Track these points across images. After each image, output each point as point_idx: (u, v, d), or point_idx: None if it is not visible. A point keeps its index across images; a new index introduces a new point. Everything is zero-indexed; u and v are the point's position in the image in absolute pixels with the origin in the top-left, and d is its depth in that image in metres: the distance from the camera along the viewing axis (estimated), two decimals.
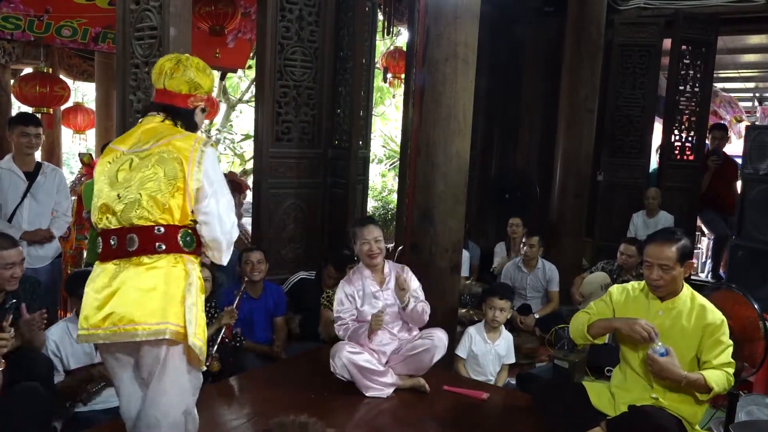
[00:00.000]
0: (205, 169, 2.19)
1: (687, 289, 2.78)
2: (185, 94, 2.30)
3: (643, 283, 2.87)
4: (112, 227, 2.18)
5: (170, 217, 2.17)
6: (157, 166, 2.16)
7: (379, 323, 3.35)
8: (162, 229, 2.15)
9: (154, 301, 2.09)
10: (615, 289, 2.94)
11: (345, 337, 3.45)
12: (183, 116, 2.30)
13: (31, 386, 2.62)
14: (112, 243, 2.18)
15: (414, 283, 3.57)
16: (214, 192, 2.21)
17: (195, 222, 2.24)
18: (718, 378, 2.59)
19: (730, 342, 2.67)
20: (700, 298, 2.76)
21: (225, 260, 2.30)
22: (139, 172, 2.17)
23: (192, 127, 2.34)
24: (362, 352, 3.35)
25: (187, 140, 2.22)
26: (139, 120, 2.37)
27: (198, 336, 2.13)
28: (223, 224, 2.23)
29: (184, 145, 2.19)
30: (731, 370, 2.63)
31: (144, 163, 2.18)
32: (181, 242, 2.18)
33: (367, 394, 3.31)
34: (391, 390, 3.36)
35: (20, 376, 2.69)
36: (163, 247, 2.15)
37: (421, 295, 3.56)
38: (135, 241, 2.14)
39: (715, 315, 2.68)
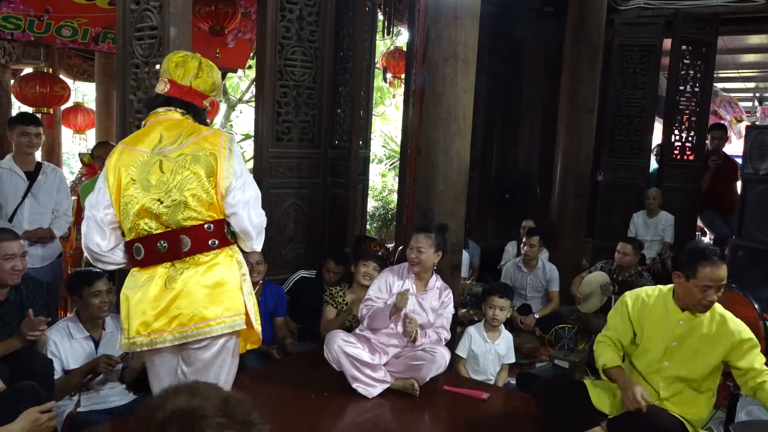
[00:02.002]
0: (234, 165, 2.21)
1: None
2: (206, 95, 2.34)
3: (657, 290, 2.82)
4: (157, 231, 2.17)
5: (215, 213, 2.21)
6: (194, 165, 2.17)
7: (404, 301, 3.34)
8: (212, 226, 2.19)
9: (225, 295, 2.15)
10: (629, 300, 2.84)
11: (366, 316, 3.47)
12: (200, 115, 2.33)
13: (29, 385, 2.61)
14: (161, 247, 2.17)
15: (450, 308, 3.59)
16: (242, 185, 2.21)
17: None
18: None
19: (757, 341, 2.66)
20: (720, 307, 2.71)
21: (258, 247, 2.31)
22: (176, 174, 2.17)
23: (204, 124, 2.36)
24: (356, 344, 3.36)
25: (214, 136, 2.23)
26: (151, 113, 2.32)
27: (258, 322, 2.24)
28: (251, 215, 2.23)
29: (214, 142, 2.21)
30: None
31: (179, 163, 2.18)
32: (228, 235, 2.24)
33: (353, 386, 3.30)
34: (380, 388, 3.35)
35: (20, 375, 2.69)
36: (216, 242, 2.20)
37: (448, 322, 3.57)
38: (188, 242, 2.16)
39: (737, 326, 2.65)
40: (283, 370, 3.71)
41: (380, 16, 6.63)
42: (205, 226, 2.18)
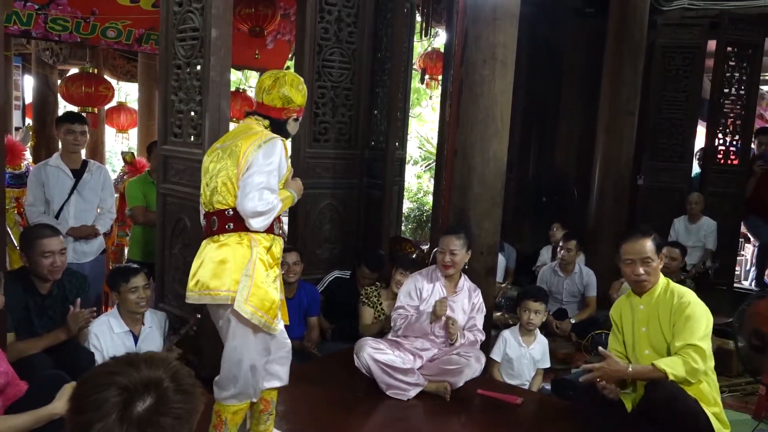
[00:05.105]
0: (253, 158, 2.46)
1: (662, 279, 2.88)
2: (279, 108, 2.62)
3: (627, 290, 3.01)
4: (206, 210, 2.59)
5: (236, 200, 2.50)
6: (227, 158, 2.51)
7: (443, 309, 3.37)
8: (231, 212, 2.49)
9: (224, 272, 2.44)
10: (613, 311, 3.05)
11: (401, 326, 3.49)
12: (276, 125, 2.63)
13: (56, 374, 2.64)
14: (204, 223, 2.61)
15: (481, 308, 3.61)
16: (251, 173, 2.45)
17: None
18: (673, 363, 2.62)
19: (701, 325, 2.70)
20: (674, 286, 2.86)
21: (255, 227, 2.47)
22: (217, 164, 2.55)
23: (284, 135, 2.65)
24: (386, 350, 3.36)
25: (253, 136, 2.51)
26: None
27: (249, 303, 2.42)
28: (244, 198, 2.43)
29: (249, 141, 2.49)
30: (697, 356, 2.63)
31: (221, 155, 2.55)
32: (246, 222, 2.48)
33: (387, 393, 3.31)
34: (414, 391, 3.34)
35: (64, 368, 2.76)
36: (232, 226, 2.50)
37: (481, 321, 3.56)
38: (216, 222, 2.53)
39: (683, 298, 2.75)
40: (318, 368, 3.73)
41: (418, 18, 6.62)
42: (227, 211, 2.50)
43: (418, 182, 12.50)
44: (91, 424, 1.06)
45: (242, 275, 2.43)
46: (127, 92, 13.52)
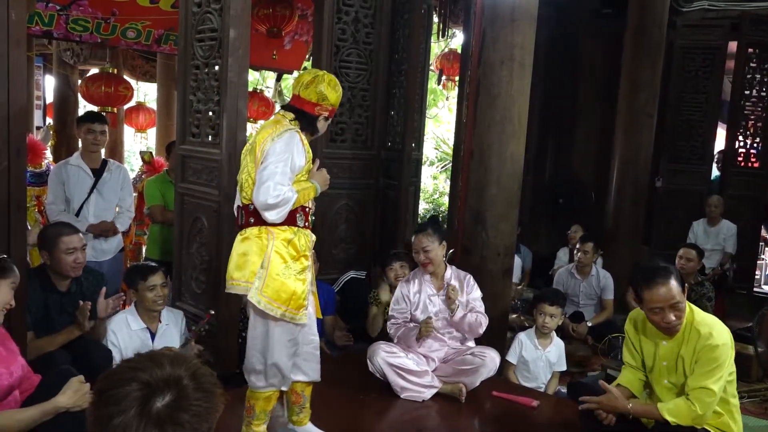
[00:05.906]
0: (269, 149, 2.52)
1: (687, 307, 2.60)
2: (314, 103, 2.69)
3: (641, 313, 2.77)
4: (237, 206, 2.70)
5: None
6: (249, 154, 2.62)
7: (428, 330, 3.35)
8: (252, 206, 2.58)
9: (246, 264, 2.55)
10: (627, 322, 2.86)
11: (396, 336, 3.46)
12: (307, 120, 2.70)
13: (66, 369, 2.64)
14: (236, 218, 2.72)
15: (476, 293, 3.54)
16: (264, 166, 2.51)
17: None
18: (677, 409, 2.50)
19: (722, 371, 2.50)
20: (697, 317, 2.59)
21: (270, 219, 2.52)
22: (243, 160, 2.66)
23: (312, 130, 2.75)
24: (399, 354, 3.36)
25: (269, 130, 2.59)
26: None
27: (264, 294, 2.51)
28: (258, 190, 2.49)
29: (264, 135, 2.57)
30: (707, 399, 2.47)
31: (246, 152, 2.66)
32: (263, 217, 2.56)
33: (402, 396, 3.31)
34: (429, 393, 3.35)
35: (81, 364, 2.79)
36: (252, 220, 2.60)
37: (480, 306, 3.52)
38: (243, 217, 2.64)
39: (709, 340, 2.50)
40: (333, 369, 3.73)
41: (435, 18, 6.61)
42: (249, 205, 2.59)
43: (434, 183, 12.48)
44: (111, 418, 1.07)
45: (258, 267, 2.53)
46: (146, 92, 13.64)
